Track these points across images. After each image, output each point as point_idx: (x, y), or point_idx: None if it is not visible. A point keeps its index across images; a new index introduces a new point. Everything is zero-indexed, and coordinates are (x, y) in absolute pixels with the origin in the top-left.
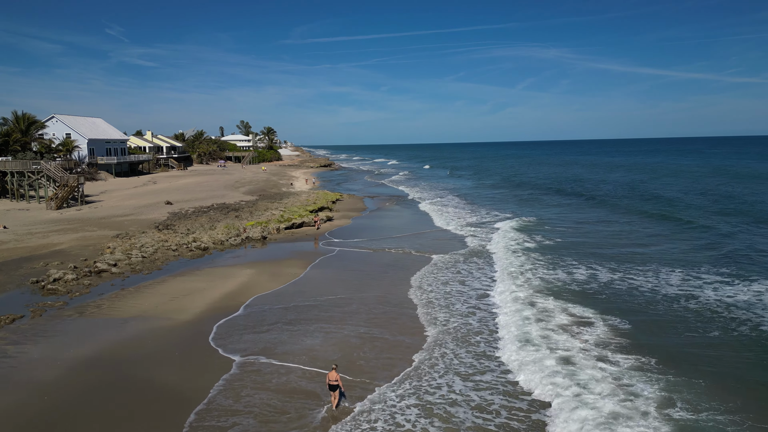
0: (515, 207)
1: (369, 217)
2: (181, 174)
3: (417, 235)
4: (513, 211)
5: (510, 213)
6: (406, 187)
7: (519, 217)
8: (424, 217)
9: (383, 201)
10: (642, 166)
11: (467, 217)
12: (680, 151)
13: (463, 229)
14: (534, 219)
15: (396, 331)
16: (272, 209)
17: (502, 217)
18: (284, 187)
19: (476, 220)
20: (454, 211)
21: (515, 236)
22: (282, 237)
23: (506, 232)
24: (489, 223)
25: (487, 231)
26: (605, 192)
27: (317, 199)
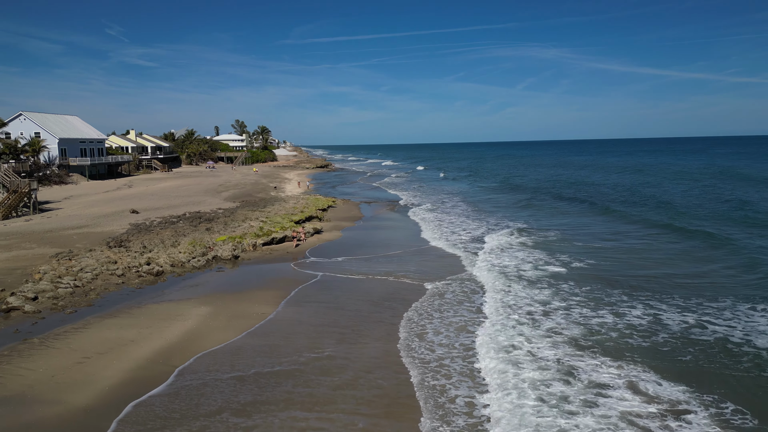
0: (514, 216)
1: (361, 229)
2: (163, 176)
3: (409, 254)
4: (512, 221)
5: (509, 223)
6: (401, 191)
7: (519, 229)
8: (417, 230)
9: (378, 208)
10: (645, 167)
11: (462, 230)
12: (682, 151)
13: (458, 247)
14: (537, 232)
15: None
16: (252, 219)
17: (501, 228)
18: (273, 191)
19: (471, 233)
20: (448, 221)
21: (519, 255)
22: (257, 256)
23: (506, 249)
24: (485, 235)
25: (483, 247)
26: (611, 197)
27: (306, 205)
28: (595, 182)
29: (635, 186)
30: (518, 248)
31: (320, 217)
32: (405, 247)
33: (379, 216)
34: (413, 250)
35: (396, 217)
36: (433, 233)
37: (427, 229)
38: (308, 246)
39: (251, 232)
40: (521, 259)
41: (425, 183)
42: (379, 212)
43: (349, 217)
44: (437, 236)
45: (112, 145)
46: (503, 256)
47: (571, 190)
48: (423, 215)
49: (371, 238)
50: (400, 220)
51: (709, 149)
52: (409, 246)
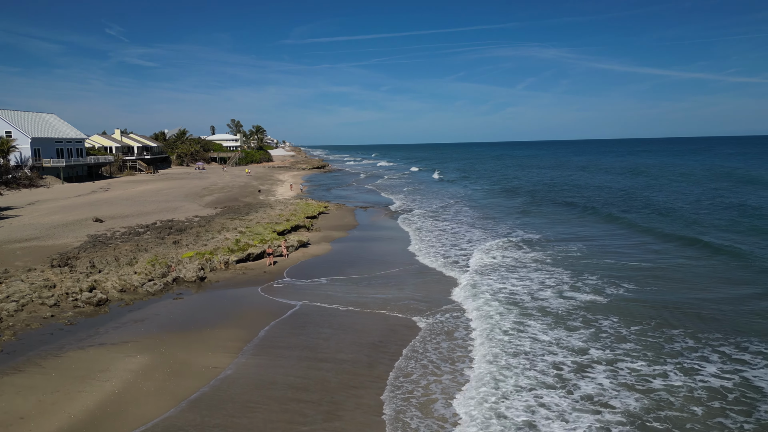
0: (515, 224)
1: (353, 240)
2: (146, 178)
3: (404, 275)
4: (514, 230)
5: (512, 232)
6: (397, 194)
7: (525, 241)
8: (412, 243)
9: (373, 214)
10: (647, 169)
11: (461, 241)
12: (683, 151)
13: (457, 266)
14: (546, 245)
15: None
16: (229, 230)
17: (504, 238)
18: (263, 195)
19: (471, 245)
20: (447, 232)
21: (533, 276)
22: (228, 276)
23: (516, 268)
24: (489, 247)
25: (487, 264)
26: (614, 202)
27: (294, 212)
28: (596, 185)
29: (638, 189)
30: (531, 266)
31: (308, 226)
32: (399, 265)
33: (374, 224)
34: (408, 269)
35: (390, 226)
36: (429, 247)
37: (422, 242)
38: (290, 263)
39: (225, 247)
40: (538, 282)
41: (421, 186)
42: (374, 219)
43: (342, 226)
44: (434, 251)
45: (95, 145)
46: (511, 277)
47: (572, 193)
48: (419, 223)
49: (362, 252)
50: (394, 229)
51: (710, 149)
52: (404, 264)
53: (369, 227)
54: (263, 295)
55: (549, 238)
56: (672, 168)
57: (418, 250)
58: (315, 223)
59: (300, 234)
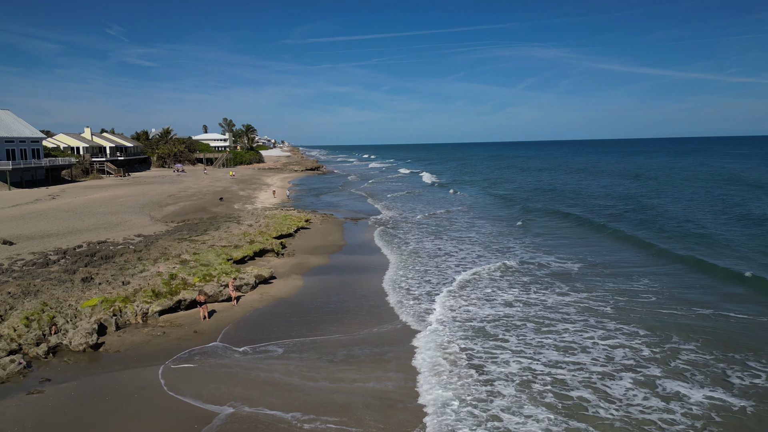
0: (506, 244)
1: (334, 271)
2: (111, 183)
3: (391, 339)
4: (505, 254)
5: (498, 255)
6: (390, 204)
7: (520, 278)
8: (401, 280)
9: (365, 230)
10: (649, 172)
11: (443, 280)
12: (683, 152)
13: (444, 327)
14: (550, 284)
15: None
16: (170, 257)
17: (491, 267)
18: (239, 203)
19: (454, 284)
20: (430, 258)
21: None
22: (139, 340)
23: (541, 331)
24: (487, 286)
25: (501, 324)
26: (618, 213)
27: (266, 228)
28: (598, 192)
29: (644, 197)
30: (556, 322)
31: (277, 250)
32: (382, 323)
33: (364, 245)
34: (393, 331)
35: (378, 247)
36: (421, 286)
37: (412, 279)
38: (237, 313)
39: (149, 288)
40: (587, 367)
41: (413, 191)
42: (366, 236)
43: (323, 248)
44: (415, 294)
45: (60, 146)
46: (540, 359)
47: (572, 202)
48: (412, 244)
49: (344, 292)
50: (377, 254)
51: (710, 149)
52: (388, 321)
53: (358, 249)
54: (165, 389)
55: (543, 267)
56: (676, 171)
57: (417, 299)
58: (291, 242)
59: (265, 262)
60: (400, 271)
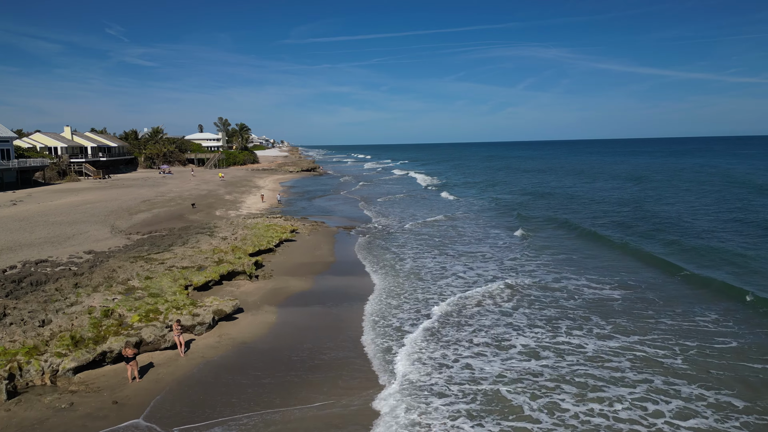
0: (511, 260)
1: (316, 299)
2: (86, 186)
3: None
4: (510, 273)
5: (504, 273)
6: (385, 210)
7: (523, 293)
8: (392, 317)
9: (356, 242)
10: (651, 174)
11: (436, 314)
12: (684, 153)
13: (435, 400)
14: (555, 304)
15: None
16: (114, 283)
17: (497, 291)
18: (222, 208)
19: (451, 333)
20: (423, 281)
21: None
22: (35, 416)
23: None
24: (474, 327)
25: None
26: (624, 222)
27: (243, 242)
28: (600, 198)
29: (649, 203)
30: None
31: (250, 272)
32: (352, 392)
33: (355, 264)
34: (364, 409)
35: (370, 265)
36: (411, 321)
37: (403, 311)
38: (181, 369)
39: (69, 333)
40: None
41: (409, 194)
42: (355, 251)
43: (309, 265)
44: (421, 344)
45: (36, 146)
46: None
47: (571, 208)
48: (407, 262)
49: (319, 336)
50: (370, 274)
51: (711, 149)
52: (365, 386)
53: (349, 268)
54: None
55: (602, 298)
56: (681, 173)
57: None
58: (271, 259)
59: (234, 287)
60: (392, 300)
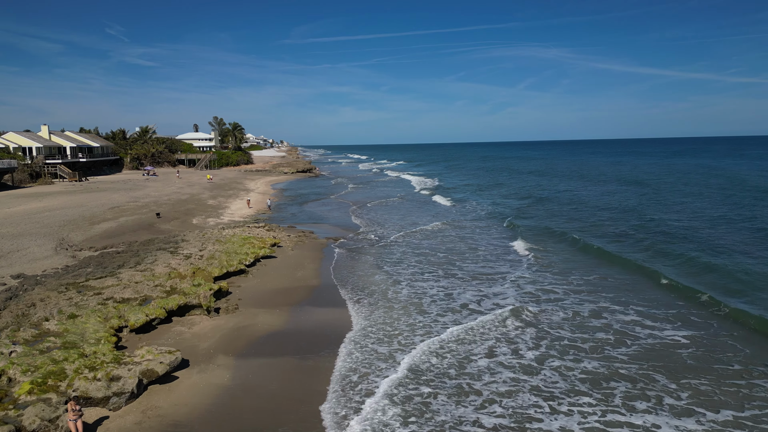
0: (500, 289)
1: (284, 345)
2: (57, 190)
3: None
4: (518, 306)
5: (509, 306)
6: (374, 218)
7: (550, 340)
8: (354, 376)
9: (344, 258)
10: (659, 176)
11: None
12: (686, 153)
13: None
14: (596, 350)
15: None
16: (23, 327)
17: (510, 337)
18: (201, 215)
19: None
20: (409, 314)
21: None
22: None
23: None
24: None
25: None
26: (633, 234)
27: (210, 260)
28: (604, 205)
29: (660, 211)
30: None
31: (207, 306)
32: None
33: (336, 295)
34: None
35: (360, 288)
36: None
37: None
38: None
39: None
40: None
41: (402, 199)
42: (344, 270)
43: (286, 292)
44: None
45: (10, 146)
46: None
47: (574, 217)
48: (402, 288)
49: (281, 409)
50: (357, 302)
51: (715, 150)
52: None
53: (331, 295)
54: None
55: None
56: (688, 177)
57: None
58: (242, 283)
59: (185, 327)
60: (380, 347)
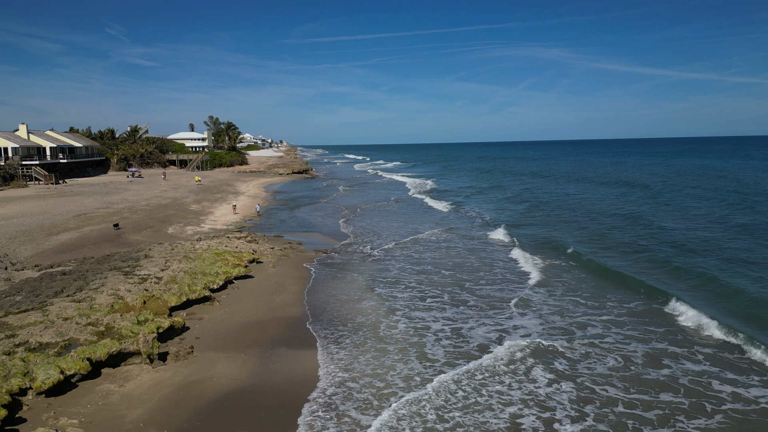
0: (544, 315)
1: (242, 418)
2: (28, 194)
3: None
4: (549, 354)
5: (536, 354)
6: (366, 226)
7: None
8: None
9: (331, 277)
10: (663, 176)
11: None
12: (690, 153)
13: None
14: None
15: None
16: None
17: None
18: (178, 223)
19: None
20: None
21: None
22: None
23: None
24: None
25: None
26: (646, 246)
27: (169, 283)
28: (605, 209)
29: (670, 220)
30: None
31: (149, 353)
32: None
33: (319, 329)
34: None
35: (339, 337)
36: None
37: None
38: None
39: None
40: None
41: (394, 204)
42: (328, 294)
43: (259, 325)
44: None
45: None
46: None
47: (577, 225)
48: (399, 323)
49: None
50: (334, 349)
51: (717, 150)
52: None
53: (310, 333)
54: None
55: None
56: (696, 179)
57: None
58: (206, 314)
59: (110, 386)
60: (363, 416)
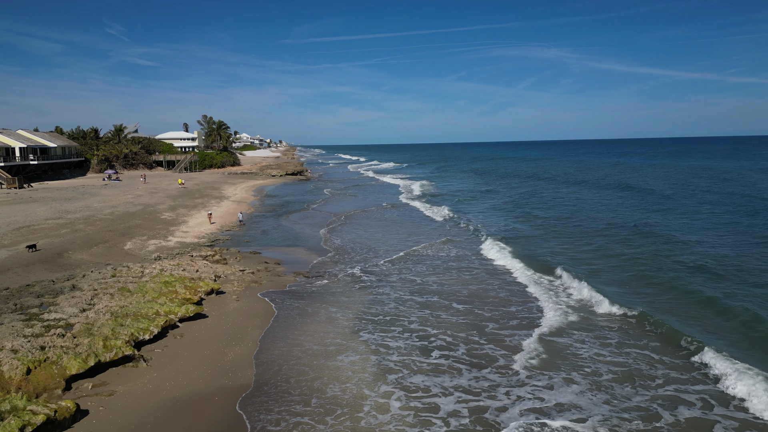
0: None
1: None
2: None
3: None
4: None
5: None
6: (355, 239)
7: None
8: None
9: (304, 322)
10: (667, 179)
11: None
12: (692, 153)
13: None
14: None
15: None
16: None
17: None
18: (142, 236)
19: None
20: None
21: None
22: None
23: None
24: None
25: None
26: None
27: (83, 333)
28: (610, 219)
29: (671, 229)
30: None
31: None
32: None
33: (282, 410)
34: None
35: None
36: None
37: None
38: None
39: None
40: None
41: (397, 206)
42: (300, 346)
43: (191, 406)
44: None
45: None
46: None
47: (581, 235)
48: (395, 393)
49: None
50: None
51: (719, 150)
52: None
53: (254, 416)
54: None
55: None
56: (700, 181)
57: None
58: (119, 387)
59: None
60: None
